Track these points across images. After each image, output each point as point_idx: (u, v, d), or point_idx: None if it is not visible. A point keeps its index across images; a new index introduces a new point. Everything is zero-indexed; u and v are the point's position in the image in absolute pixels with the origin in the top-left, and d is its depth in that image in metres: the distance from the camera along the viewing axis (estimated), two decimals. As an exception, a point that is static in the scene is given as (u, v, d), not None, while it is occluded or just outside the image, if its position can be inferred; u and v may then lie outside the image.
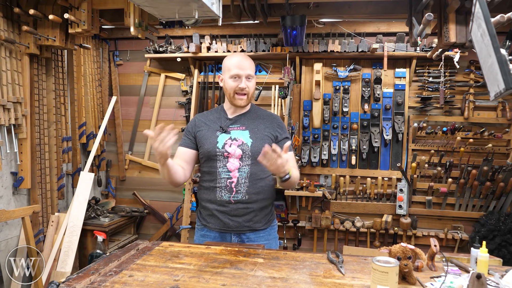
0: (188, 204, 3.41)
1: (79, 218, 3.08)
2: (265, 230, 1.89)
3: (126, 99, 3.96)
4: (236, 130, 1.84)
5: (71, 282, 1.22)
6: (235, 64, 1.80)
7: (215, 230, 1.85)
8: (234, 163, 1.79)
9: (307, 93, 3.51)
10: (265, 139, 1.83)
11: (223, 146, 1.80)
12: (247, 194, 1.79)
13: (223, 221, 1.82)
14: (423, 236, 3.31)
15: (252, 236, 1.85)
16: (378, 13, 2.89)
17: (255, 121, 1.88)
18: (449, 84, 3.29)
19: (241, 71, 1.79)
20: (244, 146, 1.80)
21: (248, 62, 1.83)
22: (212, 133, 1.84)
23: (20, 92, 2.74)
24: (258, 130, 1.85)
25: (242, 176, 1.79)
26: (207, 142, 1.83)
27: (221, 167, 1.80)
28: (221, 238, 1.85)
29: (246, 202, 1.80)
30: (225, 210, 1.81)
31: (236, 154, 1.79)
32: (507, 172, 3.11)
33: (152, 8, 2.09)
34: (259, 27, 3.44)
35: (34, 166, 2.93)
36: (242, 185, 1.79)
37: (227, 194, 1.79)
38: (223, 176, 1.79)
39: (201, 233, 1.91)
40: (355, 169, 3.46)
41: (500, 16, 1.46)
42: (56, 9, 2.68)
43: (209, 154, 1.81)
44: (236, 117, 1.88)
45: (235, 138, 1.82)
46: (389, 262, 1.17)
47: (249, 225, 1.83)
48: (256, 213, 1.83)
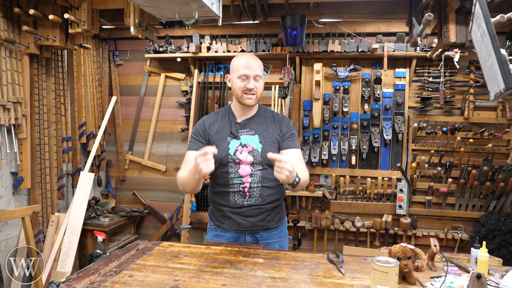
0: (188, 204, 3.41)
1: (79, 218, 3.08)
2: (277, 228, 1.92)
3: (126, 99, 3.96)
4: (245, 135, 1.83)
5: (71, 282, 1.22)
6: (243, 64, 1.79)
7: (230, 230, 1.85)
8: (245, 169, 1.79)
9: (307, 93, 3.51)
10: (274, 143, 1.83)
11: (234, 153, 1.80)
12: (260, 197, 1.80)
13: (237, 221, 1.83)
14: (423, 236, 3.31)
15: (266, 235, 1.87)
16: (378, 13, 2.89)
17: (264, 124, 1.86)
18: (449, 84, 3.29)
19: (249, 72, 1.78)
20: (255, 152, 1.80)
21: (256, 63, 1.82)
22: (223, 139, 1.83)
23: (20, 92, 2.74)
24: (267, 134, 1.85)
25: (255, 181, 1.79)
26: (219, 148, 1.80)
27: (233, 173, 1.80)
28: (235, 238, 1.86)
29: (259, 204, 1.81)
30: (239, 212, 1.82)
31: (247, 161, 1.79)
32: (507, 172, 3.11)
33: (152, 8, 2.09)
34: (259, 27, 3.44)
35: (34, 166, 2.93)
36: (255, 190, 1.80)
37: (241, 199, 1.80)
38: (235, 181, 1.80)
39: (215, 233, 1.91)
40: (355, 169, 3.46)
41: (500, 16, 1.46)
42: (56, 9, 2.68)
43: (221, 161, 1.80)
44: (244, 120, 1.86)
45: (245, 144, 1.81)
46: (389, 262, 1.17)
47: (262, 224, 1.85)
48: (269, 213, 1.85)
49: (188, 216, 3.41)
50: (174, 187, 3.85)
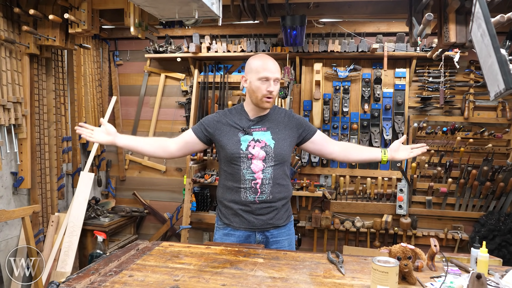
0: (188, 204, 3.41)
1: (79, 218, 3.08)
2: (286, 226, 1.94)
3: (126, 99, 3.96)
4: (258, 131, 1.85)
5: (71, 282, 1.22)
6: (265, 66, 1.78)
7: (240, 229, 1.86)
8: (258, 164, 1.81)
9: (307, 93, 3.51)
10: (286, 139, 1.86)
11: (247, 148, 1.81)
12: (271, 194, 1.82)
13: (248, 220, 1.84)
14: (423, 236, 3.31)
15: (275, 233, 1.89)
16: (378, 13, 2.89)
17: (275, 121, 1.89)
18: (449, 84, 3.29)
19: (270, 74, 1.78)
20: (267, 148, 1.82)
21: (276, 66, 1.82)
22: (234, 135, 1.84)
23: (20, 92, 2.74)
24: (279, 130, 1.86)
25: (266, 177, 1.81)
26: (229, 143, 1.82)
27: (245, 168, 1.81)
28: (245, 237, 1.86)
29: (270, 201, 1.83)
30: (249, 210, 1.83)
31: (259, 156, 1.80)
32: (507, 172, 3.11)
33: (152, 8, 2.09)
34: (259, 27, 3.44)
35: (34, 166, 2.93)
36: (267, 186, 1.81)
37: (252, 195, 1.81)
38: (247, 177, 1.81)
39: (224, 232, 1.90)
40: (355, 169, 3.46)
41: (500, 16, 1.46)
42: (56, 9, 2.68)
43: (233, 156, 1.81)
44: (257, 118, 1.87)
45: (258, 139, 1.82)
46: (389, 262, 1.17)
47: (272, 222, 1.87)
48: (279, 211, 1.88)
49: (188, 216, 3.41)
50: (174, 187, 3.85)
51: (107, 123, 1.80)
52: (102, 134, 1.83)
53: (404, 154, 1.98)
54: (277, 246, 1.88)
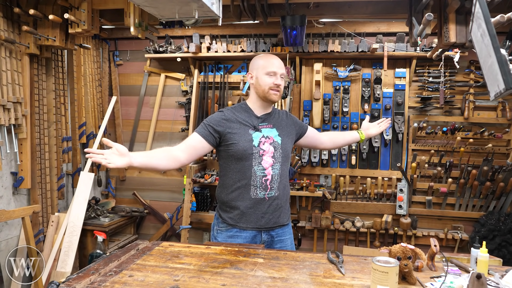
0: (188, 204, 3.41)
1: (79, 218, 3.08)
2: (288, 224, 1.99)
3: (126, 99, 3.96)
4: (266, 128, 1.91)
5: (71, 282, 1.22)
6: (271, 62, 1.88)
7: (248, 229, 1.86)
8: (268, 160, 1.85)
9: (307, 93, 3.51)
10: (289, 136, 1.98)
11: (259, 144, 1.84)
12: (278, 190, 1.88)
13: (255, 219, 1.85)
14: (423, 236, 3.31)
15: (280, 232, 1.93)
16: (378, 13, 2.89)
17: (278, 119, 1.98)
18: (449, 84, 3.28)
19: (277, 69, 1.87)
20: (275, 144, 1.89)
21: (281, 64, 1.92)
22: (245, 132, 1.85)
23: (20, 92, 2.74)
24: (283, 128, 1.96)
25: (275, 173, 1.86)
26: (242, 140, 1.82)
27: (256, 165, 1.83)
28: (252, 238, 1.87)
29: (277, 198, 1.87)
30: (258, 208, 1.85)
31: (269, 152, 1.86)
32: (507, 172, 3.11)
33: (152, 8, 2.09)
34: (259, 27, 3.44)
35: (34, 166, 2.93)
36: (275, 182, 1.86)
37: (262, 192, 1.84)
38: (258, 174, 1.83)
39: (229, 234, 1.88)
40: (355, 169, 3.46)
41: (500, 16, 1.46)
42: (56, 9, 2.68)
43: (245, 152, 1.81)
44: (263, 115, 1.93)
45: (267, 136, 1.88)
46: (389, 262, 1.17)
47: (278, 221, 1.91)
48: (283, 208, 1.93)
49: (188, 216, 3.41)
50: (174, 187, 3.85)
51: (115, 143, 1.60)
52: (116, 157, 1.61)
53: (374, 130, 2.34)
54: (281, 245, 1.91)
